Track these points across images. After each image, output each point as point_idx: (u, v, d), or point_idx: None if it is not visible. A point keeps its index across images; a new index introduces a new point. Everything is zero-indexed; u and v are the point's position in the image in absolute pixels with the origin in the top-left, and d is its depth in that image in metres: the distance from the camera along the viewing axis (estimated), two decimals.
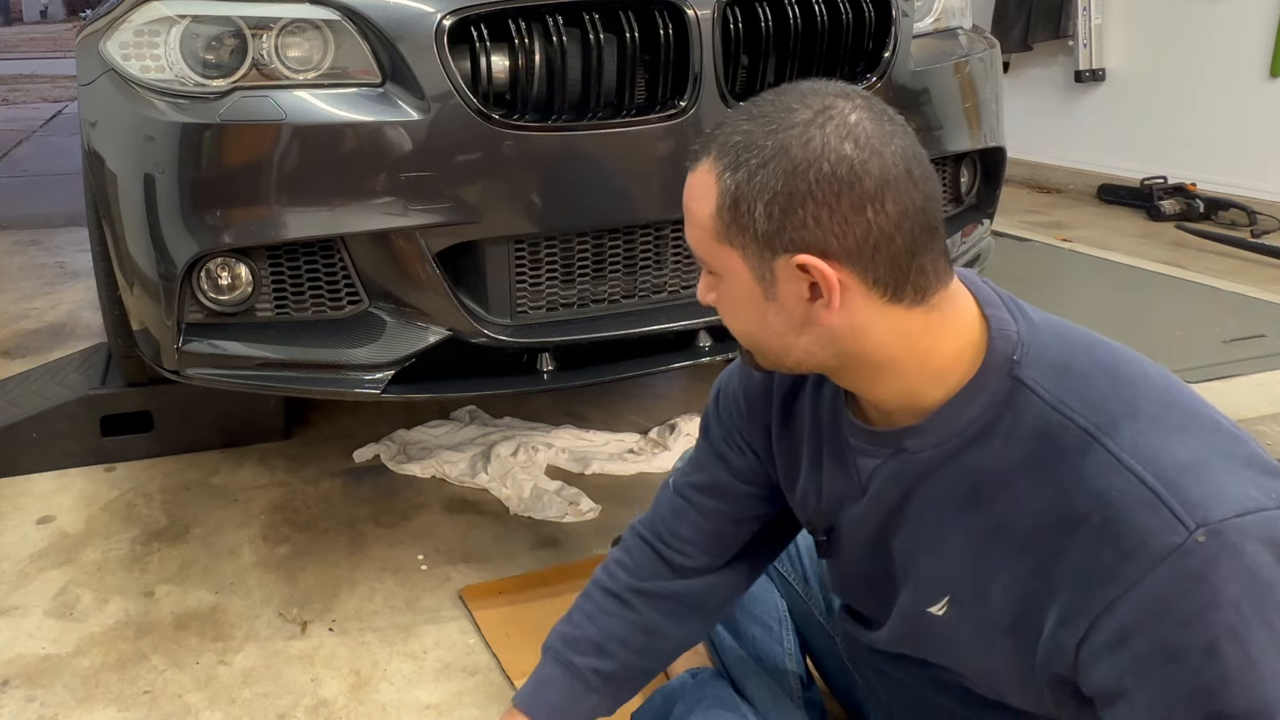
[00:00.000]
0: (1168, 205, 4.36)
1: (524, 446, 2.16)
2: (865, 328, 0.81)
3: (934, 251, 0.81)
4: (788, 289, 0.81)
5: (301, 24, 1.56)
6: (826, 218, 0.77)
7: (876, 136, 0.78)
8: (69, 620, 1.68)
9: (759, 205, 0.79)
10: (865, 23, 1.78)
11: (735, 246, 0.82)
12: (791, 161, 0.78)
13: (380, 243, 1.61)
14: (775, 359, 0.88)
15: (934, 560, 0.88)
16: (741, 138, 0.81)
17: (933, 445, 0.85)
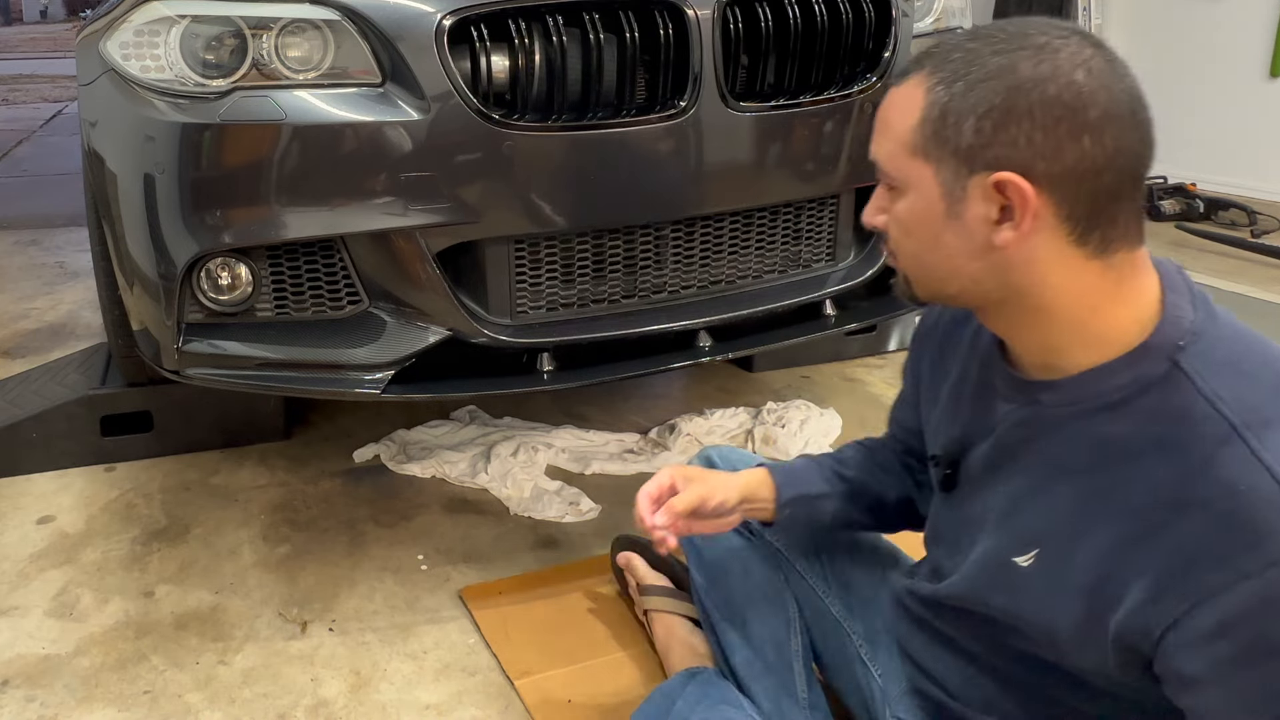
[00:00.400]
0: (1167, 205, 4.36)
1: (524, 446, 2.16)
2: (1040, 265, 0.81)
3: (1132, 205, 0.81)
4: (975, 209, 0.81)
5: (301, 24, 1.56)
6: (1040, 139, 0.77)
7: (1108, 72, 0.78)
8: (69, 620, 1.68)
9: (970, 119, 0.79)
10: (865, 23, 1.78)
11: (930, 160, 0.82)
12: (1017, 78, 0.77)
13: (380, 243, 1.61)
14: (937, 285, 0.88)
15: (1034, 512, 0.88)
16: (963, 55, 0.81)
17: (1067, 404, 0.85)
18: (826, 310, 1.96)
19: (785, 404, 2.35)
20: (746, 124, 1.70)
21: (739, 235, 1.84)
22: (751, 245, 1.86)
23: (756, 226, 1.86)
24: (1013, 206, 0.79)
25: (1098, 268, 0.81)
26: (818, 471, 1.24)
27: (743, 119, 1.70)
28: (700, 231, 1.80)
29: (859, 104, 1.79)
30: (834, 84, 1.79)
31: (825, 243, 1.95)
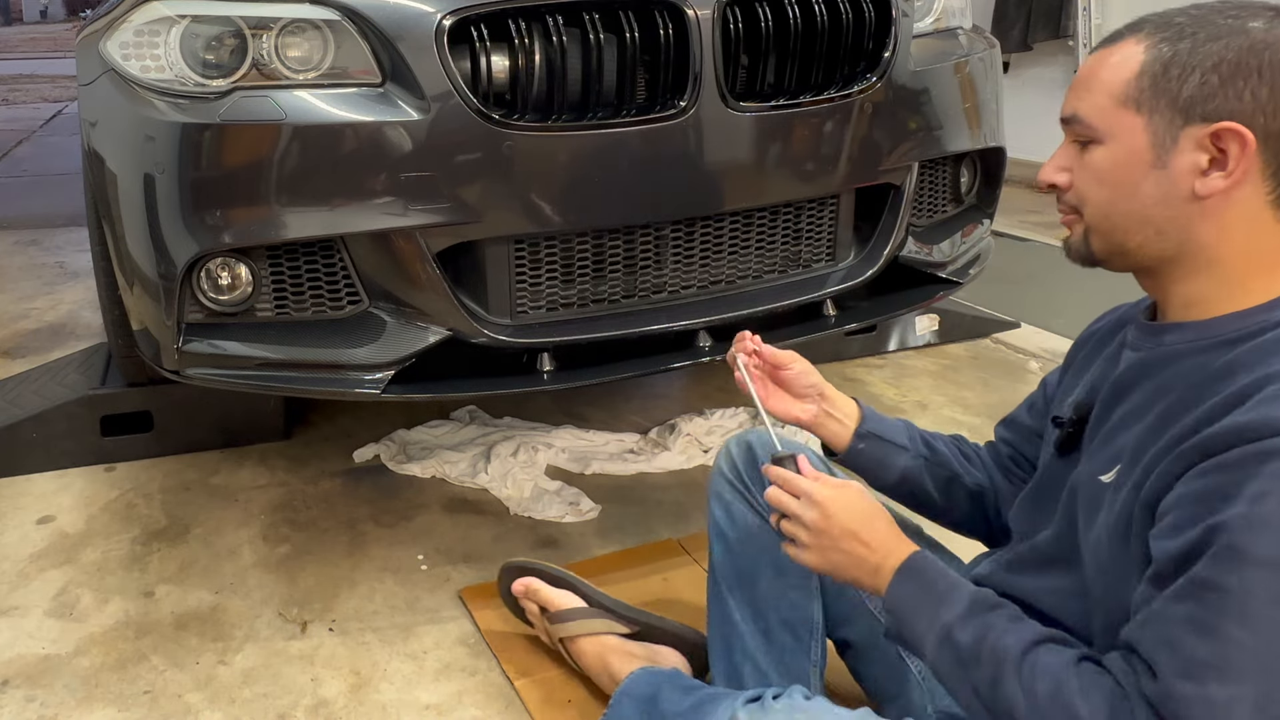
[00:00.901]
0: None
1: (524, 446, 2.16)
2: (1230, 219, 0.85)
3: None
4: (1184, 158, 0.85)
5: (301, 24, 1.56)
6: (1266, 96, 0.82)
7: None
8: (69, 620, 1.68)
9: (1196, 73, 0.83)
10: (865, 23, 1.78)
11: (1143, 111, 0.86)
12: (1250, 39, 0.82)
13: (380, 243, 1.61)
14: (1120, 237, 0.90)
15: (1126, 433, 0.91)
16: (1188, 19, 0.86)
17: (1189, 340, 0.88)
18: (826, 310, 1.96)
19: None
20: (746, 124, 1.70)
21: (739, 235, 1.84)
22: (751, 245, 1.86)
23: (756, 226, 1.86)
24: (1225, 158, 0.83)
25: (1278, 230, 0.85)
26: (905, 429, 1.26)
27: (743, 119, 1.70)
28: (700, 231, 1.80)
29: (859, 104, 1.79)
30: (834, 84, 1.79)
31: (825, 243, 1.95)
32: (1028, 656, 0.86)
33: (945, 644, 0.91)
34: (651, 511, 1.99)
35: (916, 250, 2.03)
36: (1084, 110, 0.90)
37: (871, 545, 1.00)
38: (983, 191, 2.23)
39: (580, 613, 1.47)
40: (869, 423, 1.24)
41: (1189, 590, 0.76)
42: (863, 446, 1.23)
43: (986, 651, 0.88)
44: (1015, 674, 0.85)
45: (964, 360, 2.77)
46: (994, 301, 3.14)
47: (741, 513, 1.31)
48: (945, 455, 1.24)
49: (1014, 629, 0.89)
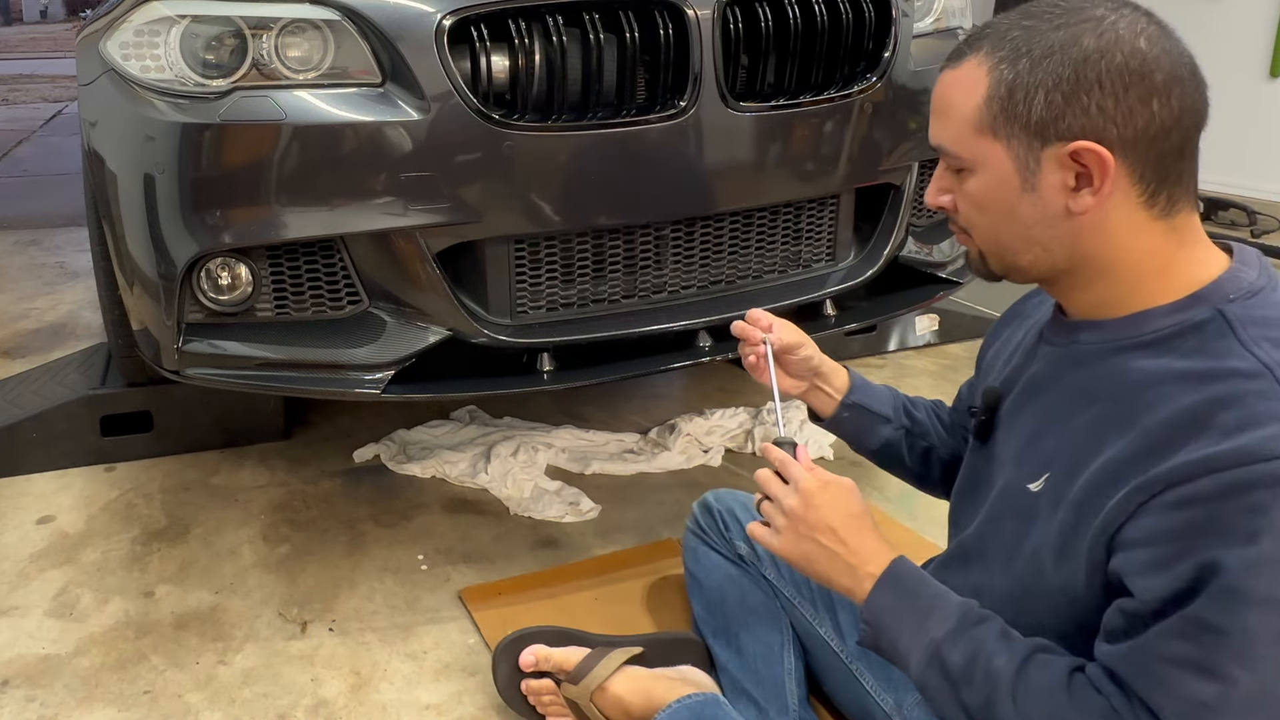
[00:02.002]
0: None
1: (524, 446, 2.16)
2: (1111, 228, 0.84)
3: (1192, 164, 0.85)
4: (1051, 179, 0.84)
5: (301, 24, 1.56)
6: (1111, 106, 0.80)
7: (1164, 38, 0.83)
8: (69, 620, 1.68)
9: (1039, 94, 0.82)
10: (865, 23, 1.78)
11: (1000, 137, 0.85)
12: (1083, 51, 0.81)
13: (380, 243, 1.61)
14: (1010, 257, 0.91)
15: (1051, 439, 0.91)
16: (1022, 33, 0.84)
17: (1104, 340, 0.88)
18: (826, 310, 1.96)
19: (785, 404, 2.35)
20: (746, 124, 1.70)
21: (739, 235, 1.84)
22: (751, 245, 1.86)
23: (756, 226, 1.86)
24: (1090, 173, 0.82)
25: (1162, 228, 0.84)
26: (890, 399, 1.29)
27: (743, 119, 1.70)
28: (700, 231, 1.80)
29: (859, 104, 1.79)
30: (834, 84, 1.79)
31: (825, 243, 1.95)
32: (1020, 677, 0.85)
33: (934, 662, 0.89)
34: (651, 511, 1.99)
35: (916, 250, 2.03)
36: (947, 140, 0.90)
37: (849, 545, 0.98)
38: None
39: (595, 656, 1.38)
40: (856, 394, 1.28)
41: (1187, 630, 0.75)
42: (846, 415, 1.28)
43: (979, 673, 0.87)
44: (1010, 697, 0.84)
45: (964, 360, 2.77)
46: (994, 301, 3.13)
47: (705, 553, 1.48)
48: (925, 426, 1.28)
49: (1004, 648, 0.87)
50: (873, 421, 1.27)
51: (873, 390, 1.29)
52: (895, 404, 1.29)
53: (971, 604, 0.93)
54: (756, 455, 2.23)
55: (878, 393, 1.29)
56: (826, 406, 1.29)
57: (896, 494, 1.99)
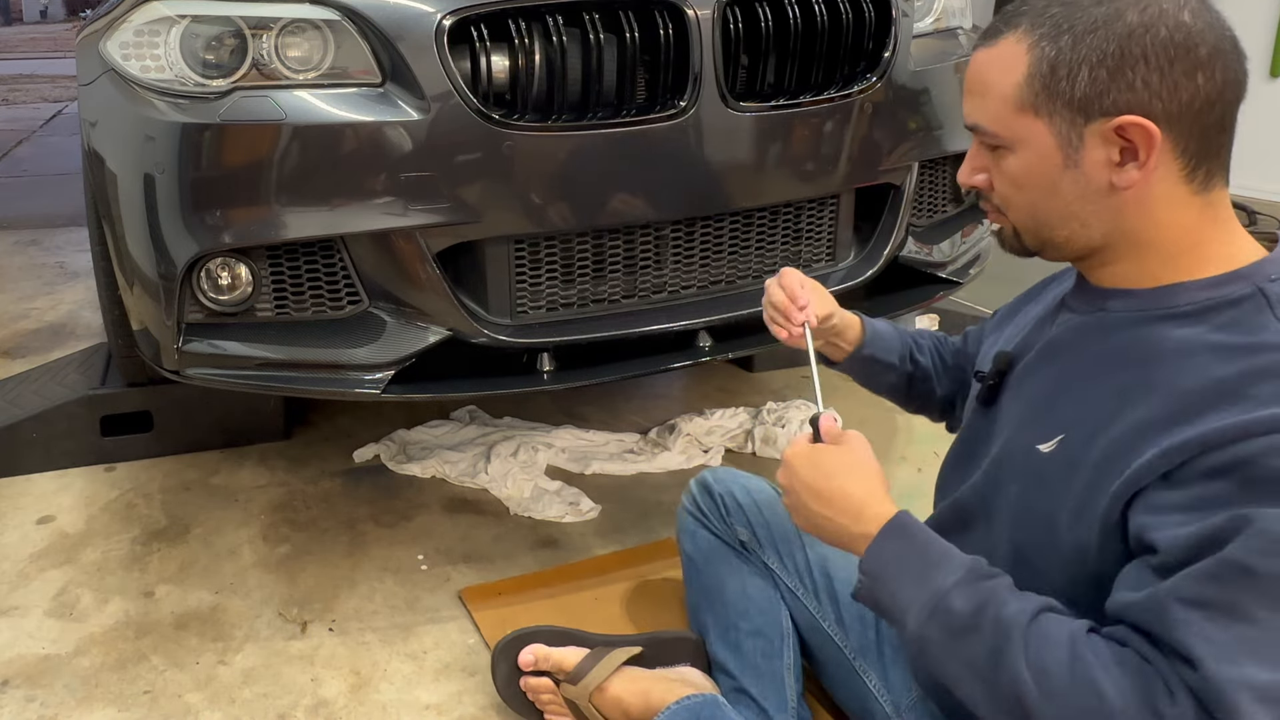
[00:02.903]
0: None
1: (524, 446, 2.16)
2: (1152, 202, 0.84)
3: (1230, 139, 0.86)
4: (1094, 154, 0.84)
5: (301, 24, 1.56)
6: (1157, 81, 0.80)
7: (1207, 10, 0.82)
8: (69, 620, 1.68)
9: (1083, 70, 0.82)
10: (865, 23, 1.78)
11: (1042, 114, 0.85)
12: (1128, 26, 0.81)
13: (380, 243, 1.61)
14: (1048, 233, 0.90)
15: (1068, 403, 0.90)
16: (1062, 9, 0.84)
17: (1135, 310, 0.87)
18: None
19: (785, 404, 2.35)
20: (746, 124, 1.70)
21: (739, 235, 1.84)
22: (751, 245, 1.86)
23: (756, 226, 1.86)
24: (1135, 147, 0.82)
25: (1199, 204, 0.85)
26: (899, 345, 1.34)
27: (743, 119, 1.70)
28: (700, 231, 1.80)
29: (859, 104, 1.79)
30: (834, 84, 1.79)
31: (825, 243, 1.95)
32: (1034, 625, 0.81)
33: (938, 612, 0.85)
34: (651, 511, 1.99)
35: (916, 250, 2.03)
36: (985, 120, 0.89)
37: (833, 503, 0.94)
38: None
39: (595, 656, 1.38)
40: (868, 345, 1.32)
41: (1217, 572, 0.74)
42: (857, 364, 1.34)
43: (988, 622, 0.82)
44: (1022, 646, 0.80)
45: None
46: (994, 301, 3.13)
47: (704, 536, 1.43)
48: (928, 368, 1.33)
49: (1016, 598, 0.84)
50: (881, 369, 1.33)
51: (882, 339, 1.33)
52: (902, 350, 1.33)
53: (980, 560, 0.89)
54: (756, 455, 2.23)
55: (887, 341, 1.33)
56: (838, 354, 1.35)
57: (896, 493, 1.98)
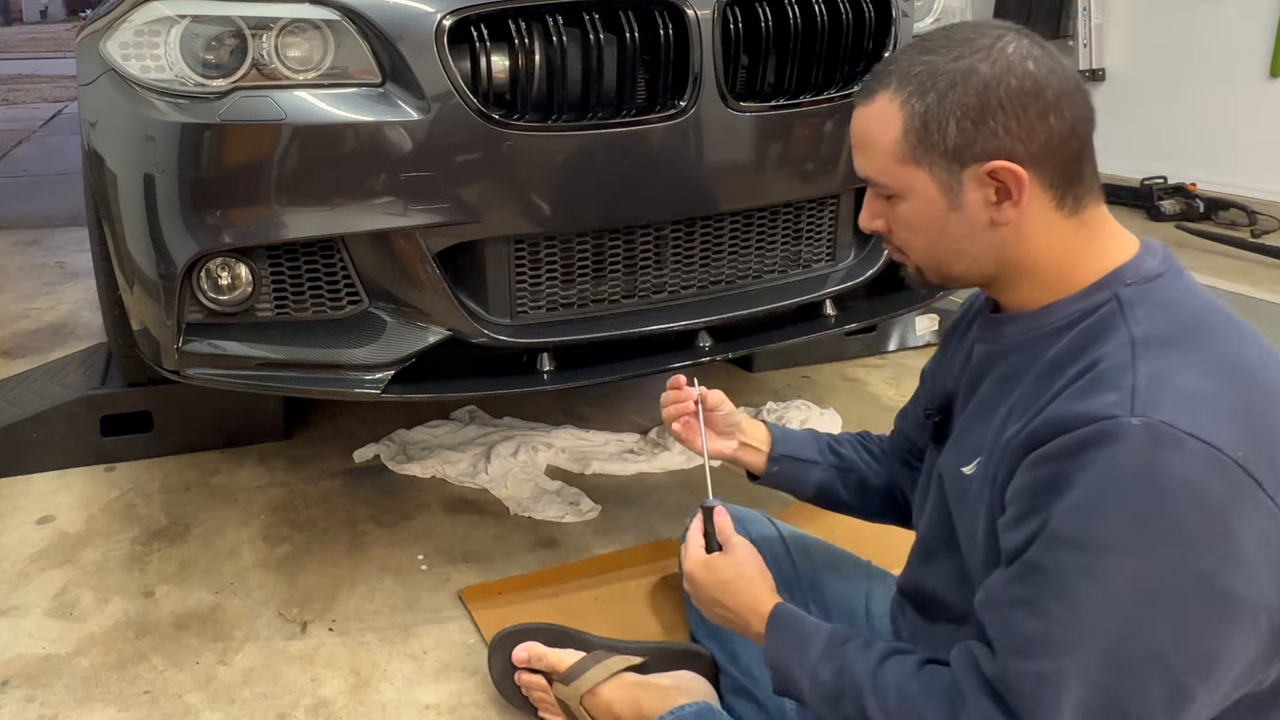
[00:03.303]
0: (1168, 205, 4.36)
1: (524, 446, 2.16)
2: (1030, 232, 0.92)
3: (1091, 164, 0.93)
4: (973, 197, 0.92)
5: (301, 24, 1.56)
6: (1015, 126, 0.89)
7: (1049, 56, 0.91)
8: (69, 620, 1.68)
9: (951, 123, 0.90)
10: (865, 23, 1.78)
11: (922, 165, 0.93)
12: (982, 79, 0.89)
13: (380, 243, 1.61)
14: (945, 269, 0.99)
15: (982, 426, 0.98)
16: (924, 68, 0.92)
17: (1024, 331, 0.96)
18: (826, 310, 1.96)
19: (785, 404, 2.35)
20: (746, 124, 1.70)
21: (739, 235, 1.84)
22: (751, 245, 1.86)
23: (756, 226, 1.86)
24: (1007, 187, 0.90)
25: (1073, 225, 0.92)
26: (813, 442, 1.36)
27: (743, 119, 1.70)
28: (700, 231, 1.80)
29: None
30: (834, 84, 1.79)
31: (825, 243, 1.95)
32: (877, 675, 0.94)
33: (815, 685, 1.00)
34: (651, 511, 1.99)
35: None
36: (873, 172, 0.97)
37: (732, 609, 1.11)
38: None
39: (591, 660, 1.38)
40: (780, 446, 1.35)
41: (1020, 573, 0.84)
42: (776, 470, 1.35)
43: (847, 683, 0.96)
44: (872, 693, 0.94)
45: None
46: None
47: None
48: (852, 459, 1.34)
49: (863, 655, 0.97)
50: (802, 468, 1.34)
51: (795, 437, 1.36)
52: (820, 445, 1.35)
53: (840, 627, 1.04)
54: None
55: (800, 438, 1.37)
56: (757, 463, 1.35)
57: None
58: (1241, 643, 0.79)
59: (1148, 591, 0.78)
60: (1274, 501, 0.79)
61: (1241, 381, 0.83)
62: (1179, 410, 0.79)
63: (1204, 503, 0.77)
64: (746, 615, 1.10)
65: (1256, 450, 0.79)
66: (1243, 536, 0.77)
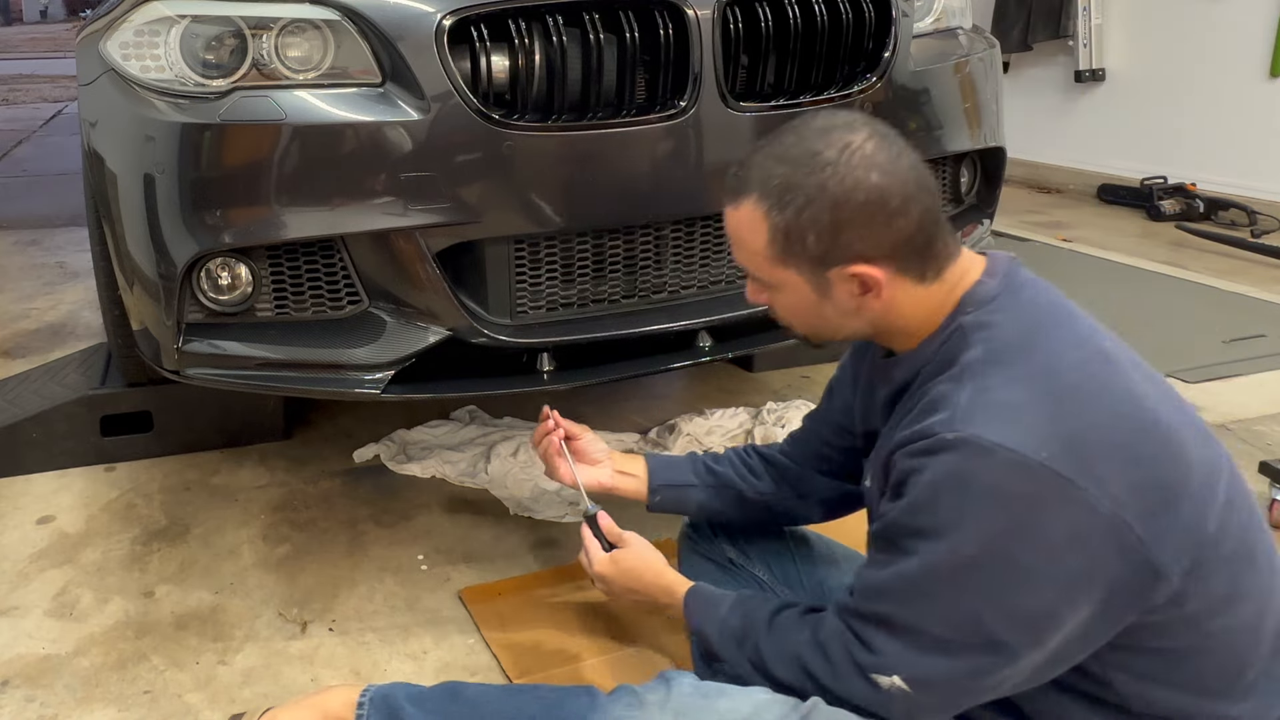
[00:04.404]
0: (1168, 205, 4.36)
1: (524, 446, 2.16)
2: (898, 306, 1.05)
3: (943, 235, 1.04)
4: (840, 291, 1.04)
5: (301, 24, 1.56)
6: (867, 234, 1.00)
7: (890, 160, 1.00)
8: (69, 620, 1.68)
9: (810, 235, 1.01)
10: (865, 23, 1.78)
11: (790, 266, 1.04)
12: (832, 198, 0.99)
13: (380, 243, 1.61)
14: (827, 337, 1.13)
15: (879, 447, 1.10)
16: (780, 180, 1.01)
17: (907, 370, 1.08)
18: None
19: (785, 404, 2.35)
20: (746, 124, 1.70)
21: None
22: None
23: None
24: (868, 283, 1.02)
25: (936, 287, 1.05)
26: (689, 465, 1.48)
27: (743, 119, 1.70)
28: (700, 231, 1.80)
29: (859, 104, 1.79)
30: (834, 84, 1.79)
31: None
32: (772, 620, 1.13)
33: (723, 631, 1.17)
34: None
35: None
36: (750, 267, 1.08)
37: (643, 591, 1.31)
38: (983, 191, 2.23)
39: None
40: (657, 476, 1.47)
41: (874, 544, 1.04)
42: (659, 499, 1.47)
43: (749, 625, 1.14)
44: (766, 633, 1.12)
45: None
46: None
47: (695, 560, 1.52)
48: (728, 476, 1.45)
49: (763, 605, 1.16)
50: (682, 493, 1.46)
51: (673, 464, 1.49)
52: (696, 467, 1.47)
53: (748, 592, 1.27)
54: None
55: (678, 464, 1.48)
56: (638, 491, 1.48)
57: None
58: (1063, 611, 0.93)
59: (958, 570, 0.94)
60: (1085, 492, 0.90)
61: (1055, 388, 0.95)
62: (989, 424, 0.93)
63: (1009, 501, 0.92)
64: (655, 592, 1.30)
65: (1065, 449, 0.91)
66: (1049, 526, 0.91)
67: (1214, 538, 0.95)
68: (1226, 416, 2.40)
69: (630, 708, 1.08)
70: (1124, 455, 0.93)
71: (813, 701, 1.05)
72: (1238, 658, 0.98)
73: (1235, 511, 0.98)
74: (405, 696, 1.18)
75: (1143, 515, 0.92)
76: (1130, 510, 0.91)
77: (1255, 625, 0.99)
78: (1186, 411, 1.00)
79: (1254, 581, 0.99)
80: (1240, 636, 0.98)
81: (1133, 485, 0.92)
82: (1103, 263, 3.71)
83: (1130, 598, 0.94)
